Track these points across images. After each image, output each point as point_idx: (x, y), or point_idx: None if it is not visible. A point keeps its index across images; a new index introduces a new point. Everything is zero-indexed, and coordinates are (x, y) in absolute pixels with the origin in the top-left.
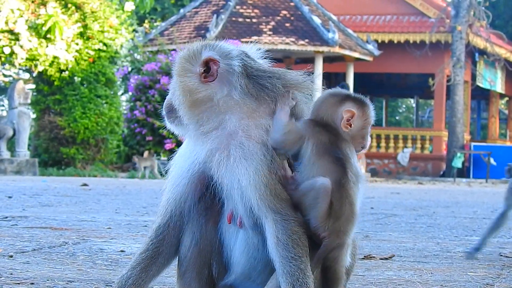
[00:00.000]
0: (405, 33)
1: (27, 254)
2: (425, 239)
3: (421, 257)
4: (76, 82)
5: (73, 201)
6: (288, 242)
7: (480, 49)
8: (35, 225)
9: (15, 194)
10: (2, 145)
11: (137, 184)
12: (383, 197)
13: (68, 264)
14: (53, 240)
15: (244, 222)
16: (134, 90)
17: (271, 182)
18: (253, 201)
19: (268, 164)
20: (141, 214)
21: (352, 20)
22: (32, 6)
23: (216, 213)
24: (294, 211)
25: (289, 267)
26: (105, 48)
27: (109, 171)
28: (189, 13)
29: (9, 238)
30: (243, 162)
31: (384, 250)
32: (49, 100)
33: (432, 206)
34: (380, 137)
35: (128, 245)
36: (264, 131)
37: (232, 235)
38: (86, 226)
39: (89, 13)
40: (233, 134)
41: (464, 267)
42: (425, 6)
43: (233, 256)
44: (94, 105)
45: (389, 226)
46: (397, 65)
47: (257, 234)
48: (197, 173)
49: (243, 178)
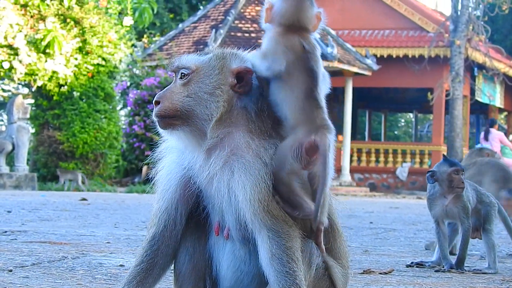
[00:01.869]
0: (404, 47)
1: (27, 268)
2: (424, 253)
3: (421, 272)
4: (75, 97)
5: (72, 216)
6: (282, 257)
7: (479, 63)
8: (34, 239)
9: (14, 209)
10: (1, 160)
11: (136, 199)
12: (382, 211)
13: (68, 279)
14: (52, 254)
15: (232, 234)
16: (133, 104)
17: (266, 199)
18: (247, 216)
19: (266, 181)
20: (140, 228)
21: (350, 35)
22: (31, 21)
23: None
24: (288, 227)
25: (284, 281)
26: (104, 63)
27: (108, 186)
28: (187, 28)
29: (8, 253)
30: (241, 177)
31: (383, 265)
32: (48, 115)
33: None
34: (379, 152)
35: (127, 260)
36: (265, 151)
37: (220, 247)
38: (85, 240)
39: (88, 28)
40: (236, 148)
41: (463, 282)
42: (424, 21)
43: (221, 270)
44: (93, 120)
45: (388, 241)
46: (396, 79)
47: (244, 247)
48: (184, 179)
49: (239, 193)
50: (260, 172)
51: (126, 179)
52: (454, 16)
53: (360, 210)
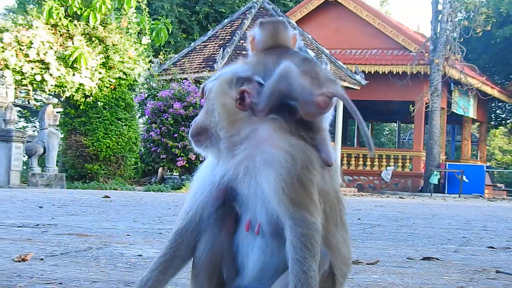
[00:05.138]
0: (389, 65)
1: (56, 257)
2: (405, 246)
3: (403, 263)
4: (99, 106)
5: (96, 211)
6: (296, 245)
7: (455, 79)
8: (63, 232)
9: (45, 205)
10: (34, 161)
11: (152, 197)
12: (369, 209)
13: (92, 267)
14: (78, 245)
15: (264, 229)
16: (150, 114)
17: (290, 187)
18: (274, 206)
19: (289, 170)
20: (156, 222)
21: (342, 54)
22: (61, 39)
23: (229, 222)
24: (309, 214)
25: (294, 269)
26: (124, 77)
27: (128, 185)
28: (198, 46)
29: (40, 244)
30: (266, 169)
31: (370, 256)
32: (75, 122)
33: (412, 217)
34: (366, 157)
35: (145, 250)
36: (288, 144)
37: (249, 242)
38: (107, 233)
39: (111, 46)
40: (260, 142)
41: (440, 272)
42: (407, 42)
43: (249, 262)
44: (115, 127)
45: (374, 235)
46: (381, 93)
47: (274, 241)
48: (218, 184)
49: (265, 184)
50: (283, 162)
51: (143, 179)
52: (434, 37)
53: (349, 208)
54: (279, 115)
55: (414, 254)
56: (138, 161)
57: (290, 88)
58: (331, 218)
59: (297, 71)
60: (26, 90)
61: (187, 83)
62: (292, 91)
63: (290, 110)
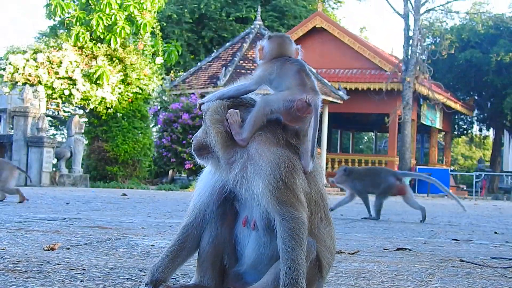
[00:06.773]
0: (367, 82)
1: (80, 247)
2: (382, 239)
3: (379, 253)
4: (119, 117)
5: (115, 207)
6: (285, 237)
7: (424, 95)
8: (87, 225)
9: (72, 201)
10: (62, 164)
11: (164, 195)
12: (350, 207)
13: (111, 255)
14: (100, 236)
15: (258, 224)
16: (162, 123)
17: (275, 189)
18: (264, 205)
19: (275, 176)
20: (167, 217)
21: (327, 73)
22: (86, 59)
23: (230, 218)
24: (294, 210)
25: (284, 258)
26: (140, 92)
27: (143, 185)
28: (204, 66)
29: (66, 235)
30: (256, 177)
31: (351, 247)
32: (98, 130)
33: (387, 214)
34: (348, 161)
35: (157, 241)
36: (273, 154)
37: (246, 235)
38: (125, 226)
39: (129, 65)
40: (251, 157)
41: (412, 261)
42: (382, 63)
43: (245, 252)
44: (132, 135)
45: (354, 229)
46: (361, 106)
47: (267, 234)
48: (219, 187)
49: (256, 189)
50: (270, 171)
51: (156, 180)
52: (406, 59)
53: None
54: (267, 128)
55: (389, 245)
56: (151, 164)
57: (273, 110)
58: (316, 214)
59: (274, 96)
60: (56, 103)
61: (194, 97)
62: (274, 110)
63: (276, 121)
